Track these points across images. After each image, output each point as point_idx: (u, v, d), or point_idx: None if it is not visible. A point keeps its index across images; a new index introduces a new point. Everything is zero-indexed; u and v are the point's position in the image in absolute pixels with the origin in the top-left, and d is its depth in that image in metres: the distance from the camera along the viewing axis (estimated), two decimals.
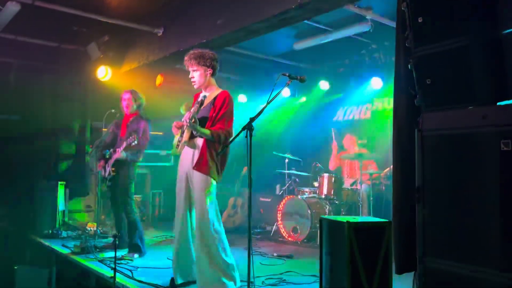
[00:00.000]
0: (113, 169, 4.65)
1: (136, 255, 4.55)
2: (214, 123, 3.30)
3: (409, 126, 2.41)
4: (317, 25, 5.68)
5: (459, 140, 2.07)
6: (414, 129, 2.27)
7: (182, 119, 3.40)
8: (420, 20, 2.17)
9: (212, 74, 3.46)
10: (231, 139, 3.25)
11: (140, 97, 4.95)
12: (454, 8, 2.07)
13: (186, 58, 3.42)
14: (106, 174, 4.71)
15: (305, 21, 5.05)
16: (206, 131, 3.24)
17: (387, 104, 6.76)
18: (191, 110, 3.34)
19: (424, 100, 2.21)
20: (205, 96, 3.38)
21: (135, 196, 4.77)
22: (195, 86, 3.48)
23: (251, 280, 2.89)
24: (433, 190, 2.18)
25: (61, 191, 5.89)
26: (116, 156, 4.59)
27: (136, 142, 4.39)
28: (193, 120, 3.19)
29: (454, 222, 2.09)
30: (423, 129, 2.21)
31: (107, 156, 4.73)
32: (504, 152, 1.89)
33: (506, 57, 2.03)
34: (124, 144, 4.46)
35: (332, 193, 5.94)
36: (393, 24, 5.04)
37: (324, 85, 7.33)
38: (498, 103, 2.05)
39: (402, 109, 2.52)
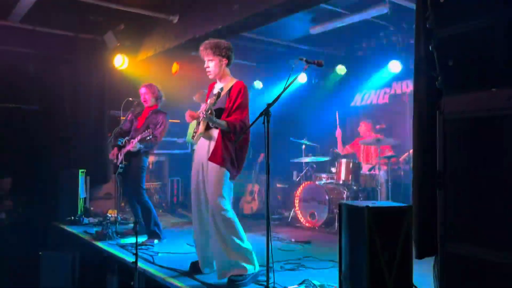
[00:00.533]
0: (125, 161, 4.70)
1: (155, 241, 4.62)
2: (230, 114, 3.30)
3: (429, 109, 2.36)
4: (334, 9, 5.58)
5: (483, 123, 2.02)
6: (435, 112, 2.23)
7: (198, 111, 3.40)
8: (441, 0, 2.10)
9: (227, 64, 3.45)
10: (247, 128, 3.25)
11: (158, 90, 4.95)
12: None
13: (201, 48, 3.41)
14: (118, 162, 4.77)
15: (322, 5, 4.97)
16: (222, 122, 3.24)
17: (406, 87, 6.65)
18: (208, 102, 3.33)
19: (446, 82, 2.16)
20: (221, 89, 3.37)
21: (153, 183, 4.86)
22: (210, 76, 3.46)
23: (270, 265, 2.92)
24: (454, 175, 2.14)
25: (81, 178, 6.00)
26: (129, 147, 4.64)
27: (150, 137, 4.43)
28: (209, 112, 3.18)
29: (477, 207, 2.05)
30: (444, 112, 2.16)
31: (121, 144, 4.78)
32: None
33: None
34: (139, 137, 4.49)
35: (350, 178, 5.90)
36: (411, 5, 4.92)
37: (341, 69, 7.24)
38: None
39: (423, 93, 2.46)
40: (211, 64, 3.39)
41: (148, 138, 4.42)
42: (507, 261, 1.96)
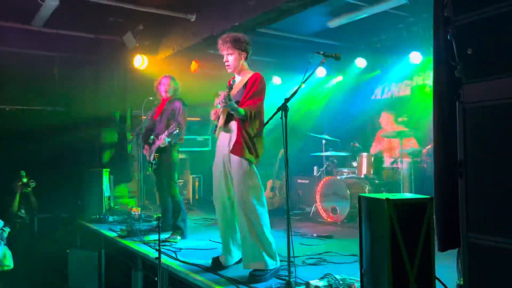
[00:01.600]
0: (157, 155, 4.80)
1: (178, 237, 4.69)
2: (244, 102, 3.31)
3: (450, 98, 2.31)
4: (352, 1, 5.51)
5: (504, 111, 1.97)
6: (455, 101, 2.19)
7: (217, 103, 3.41)
8: None
9: (246, 58, 3.45)
10: (260, 117, 3.27)
11: (177, 82, 5.09)
12: None
13: (220, 41, 3.42)
14: (151, 159, 4.87)
15: None
16: (241, 110, 3.24)
17: (428, 79, 6.52)
18: (224, 93, 3.34)
19: (465, 71, 2.12)
20: (234, 81, 3.38)
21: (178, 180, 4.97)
22: (229, 70, 3.48)
23: (291, 259, 2.93)
24: (476, 164, 2.09)
25: (105, 178, 6.13)
26: (158, 143, 4.73)
27: (177, 131, 4.53)
28: (228, 100, 3.17)
29: (500, 197, 2.01)
30: (464, 101, 2.12)
31: (150, 141, 4.89)
32: None
33: None
34: (166, 133, 4.59)
35: (371, 172, 5.84)
36: None
37: (360, 62, 7.15)
38: None
39: (442, 82, 2.42)
40: (231, 58, 3.40)
41: (175, 132, 4.52)
42: None
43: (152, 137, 4.89)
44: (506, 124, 1.98)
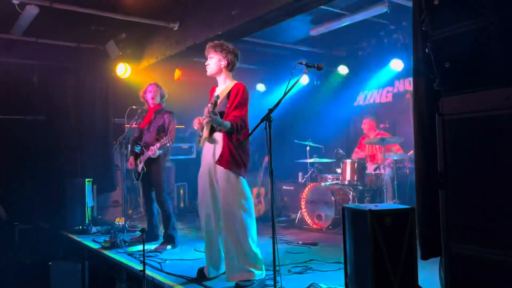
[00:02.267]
0: (146, 167, 4.79)
1: (169, 247, 4.68)
2: (228, 113, 3.33)
3: (429, 110, 2.37)
4: (333, 10, 5.58)
5: (482, 123, 2.03)
6: (435, 113, 2.24)
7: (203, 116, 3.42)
8: (436, 2, 2.11)
9: (227, 66, 3.47)
10: (246, 127, 3.28)
11: (163, 90, 5.12)
12: None
13: (207, 46, 3.51)
14: (140, 169, 4.86)
15: (321, 6, 4.98)
16: (226, 123, 3.26)
17: (409, 85, 6.63)
18: (208, 107, 3.35)
19: (443, 84, 2.17)
20: (217, 96, 3.40)
21: None
22: (208, 73, 3.51)
23: (277, 268, 2.93)
24: (456, 175, 2.14)
25: (88, 187, 6.05)
26: (149, 153, 4.72)
27: (170, 143, 4.57)
28: (213, 114, 3.20)
29: (479, 207, 2.06)
30: (443, 113, 2.17)
31: (138, 152, 4.90)
32: None
33: None
34: (158, 145, 4.60)
35: (355, 178, 5.90)
36: (410, 3, 4.91)
37: (343, 70, 7.24)
38: None
39: (422, 94, 2.47)
40: (211, 62, 3.47)
41: (168, 144, 4.57)
42: (507, 259, 1.96)
43: (139, 147, 4.88)
44: (483, 136, 2.03)
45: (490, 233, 2.03)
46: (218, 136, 3.35)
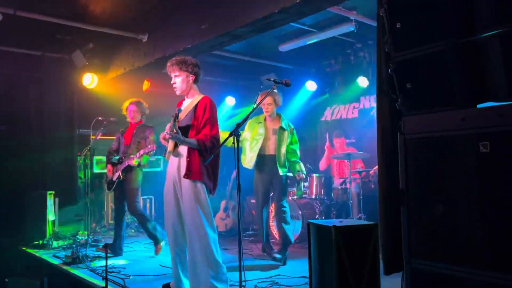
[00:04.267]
0: (123, 176, 4.93)
1: (163, 243, 4.93)
2: (198, 131, 3.31)
3: (392, 129, 2.45)
4: (302, 27, 5.71)
5: (440, 143, 2.11)
6: (397, 132, 2.31)
7: (165, 131, 3.39)
8: (398, 25, 2.20)
9: (195, 81, 3.46)
10: (219, 145, 3.27)
11: (144, 107, 5.29)
12: (430, 14, 2.11)
13: (168, 64, 3.43)
14: (115, 178, 4.98)
15: (290, 23, 5.08)
16: (191, 141, 3.25)
17: (374, 102, 6.82)
18: (169, 125, 3.33)
19: (405, 104, 2.25)
20: (179, 110, 3.39)
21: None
22: (177, 92, 3.48)
23: (243, 284, 2.92)
24: (416, 192, 2.21)
25: (50, 201, 5.84)
26: (129, 162, 4.87)
27: (153, 151, 4.66)
28: (174, 131, 3.18)
29: (438, 224, 2.13)
30: (404, 132, 2.25)
31: (116, 162, 5.05)
32: (483, 153, 1.93)
33: (483, 61, 2.07)
34: (142, 152, 4.71)
35: (322, 193, 5.97)
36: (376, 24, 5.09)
37: (311, 85, 7.37)
38: (478, 106, 2.09)
39: (385, 112, 2.55)
40: (178, 80, 3.41)
41: (151, 152, 4.67)
42: (470, 275, 2.03)
43: (117, 157, 5.04)
44: (442, 155, 2.12)
45: (449, 250, 2.10)
46: (183, 149, 3.33)
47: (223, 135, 3.53)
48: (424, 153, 2.18)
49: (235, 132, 3.04)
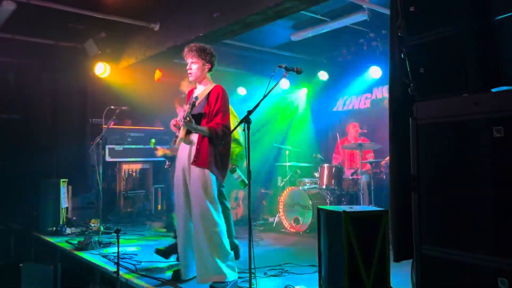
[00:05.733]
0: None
1: None
2: (210, 119, 3.32)
3: (404, 115, 2.41)
4: (314, 15, 5.65)
5: (453, 128, 2.08)
6: (409, 118, 2.28)
7: (178, 118, 3.40)
8: (412, 9, 2.16)
9: (209, 70, 3.47)
10: (229, 132, 3.27)
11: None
12: None
13: (186, 49, 3.42)
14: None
15: (302, 12, 5.03)
16: (203, 128, 3.25)
17: (386, 92, 6.75)
18: (185, 110, 3.33)
19: (418, 89, 2.22)
20: (196, 98, 3.39)
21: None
22: (191, 78, 3.47)
23: (252, 271, 2.93)
24: (428, 178, 2.19)
25: (63, 188, 5.92)
26: None
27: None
28: (187, 119, 3.18)
29: (449, 210, 2.10)
30: (417, 117, 2.22)
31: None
32: (497, 138, 1.90)
33: (498, 44, 2.02)
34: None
35: (333, 183, 5.95)
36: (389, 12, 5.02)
37: (323, 75, 7.31)
38: (492, 90, 2.05)
39: (397, 98, 2.52)
40: (194, 67, 3.40)
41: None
42: (481, 262, 2.01)
43: None
44: (454, 140, 2.09)
45: (461, 236, 2.08)
46: (194, 137, 3.34)
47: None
48: (437, 139, 2.15)
49: (246, 119, 3.04)
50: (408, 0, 2.21)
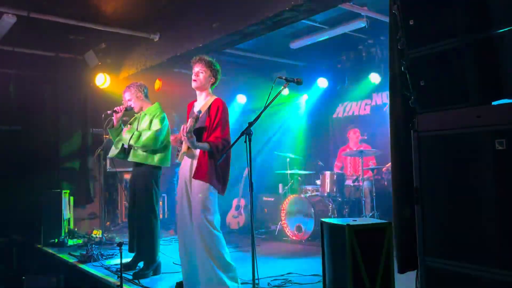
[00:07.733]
0: None
1: None
2: (210, 133, 3.33)
3: (406, 126, 2.41)
4: (313, 23, 5.68)
5: (455, 140, 2.09)
6: (411, 129, 2.29)
7: (179, 132, 3.40)
8: (411, 22, 2.18)
9: (213, 84, 3.51)
10: (229, 146, 3.28)
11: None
12: (444, 10, 2.08)
13: (197, 58, 3.47)
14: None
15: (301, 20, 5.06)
16: (204, 145, 3.27)
17: (386, 98, 6.76)
18: (188, 124, 3.33)
19: (419, 101, 2.22)
20: (200, 112, 3.40)
21: None
22: (195, 85, 3.47)
23: (256, 282, 2.92)
24: (431, 190, 2.19)
25: (65, 199, 5.92)
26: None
27: None
28: (190, 135, 3.20)
29: (452, 222, 2.11)
30: (419, 130, 2.22)
31: None
32: (499, 151, 1.90)
33: (499, 57, 2.03)
34: None
35: (334, 190, 5.95)
36: (388, 19, 5.03)
37: (322, 82, 7.33)
38: (492, 103, 2.06)
39: (399, 110, 2.52)
40: (201, 75, 3.44)
41: None
42: (485, 274, 2.01)
43: None
44: (457, 153, 2.09)
45: (465, 248, 2.08)
46: (197, 150, 3.35)
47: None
48: (439, 151, 2.15)
49: (247, 131, 3.05)
50: (407, 13, 2.22)
